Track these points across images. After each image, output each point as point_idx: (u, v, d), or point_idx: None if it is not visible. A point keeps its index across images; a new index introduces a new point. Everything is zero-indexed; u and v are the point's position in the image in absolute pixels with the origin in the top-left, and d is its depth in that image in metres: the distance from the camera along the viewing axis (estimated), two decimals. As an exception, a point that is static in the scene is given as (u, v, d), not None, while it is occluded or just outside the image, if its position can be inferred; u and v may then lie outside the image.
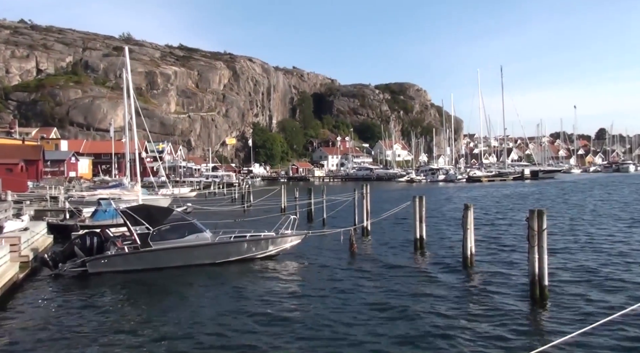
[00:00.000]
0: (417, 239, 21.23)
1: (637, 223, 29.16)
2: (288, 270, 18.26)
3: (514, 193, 61.50)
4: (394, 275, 16.68)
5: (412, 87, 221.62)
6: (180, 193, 51.42)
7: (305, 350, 10.29)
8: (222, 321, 12.21)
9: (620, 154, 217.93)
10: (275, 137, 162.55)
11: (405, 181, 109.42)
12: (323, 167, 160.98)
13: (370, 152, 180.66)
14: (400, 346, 10.35)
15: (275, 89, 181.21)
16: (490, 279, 15.71)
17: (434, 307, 12.97)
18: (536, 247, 12.74)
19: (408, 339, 10.72)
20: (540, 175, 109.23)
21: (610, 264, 17.64)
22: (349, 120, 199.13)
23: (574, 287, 14.42)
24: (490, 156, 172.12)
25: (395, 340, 10.66)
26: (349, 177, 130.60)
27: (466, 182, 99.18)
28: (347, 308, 12.96)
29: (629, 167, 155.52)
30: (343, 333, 11.17)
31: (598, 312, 11.88)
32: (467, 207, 17.14)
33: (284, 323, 11.91)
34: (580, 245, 21.71)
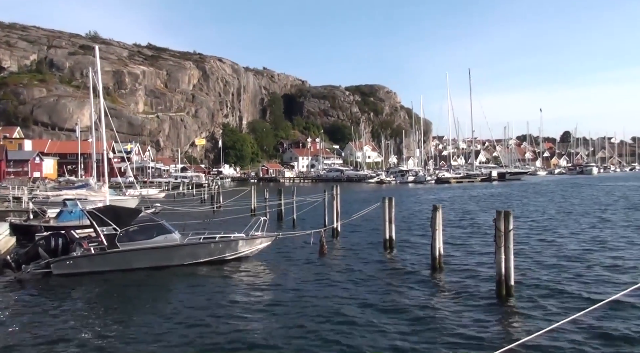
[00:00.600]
0: (386, 240, 21.39)
1: (600, 223, 29.89)
2: (257, 272, 18.17)
3: (481, 195, 62.45)
4: (363, 277, 16.74)
5: (382, 89, 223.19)
6: (148, 194, 50.76)
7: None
8: (189, 324, 12.08)
9: (584, 156, 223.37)
10: (245, 137, 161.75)
11: (375, 182, 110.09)
12: (293, 168, 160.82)
13: (340, 154, 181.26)
14: (367, 347, 10.39)
15: (246, 89, 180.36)
16: (458, 279, 15.90)
17: (401, 308, 13.06)
18: (503, 248, 12.96)
19: (375, 340, 10.77)
20: (507, 177, 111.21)
21: (574, 264, 18.03)
22: (320, 121, 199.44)
23: (540, 287, 14.69)
24: (458, 158, 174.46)
25: (362, 342, 10.70)
26: (319, 178, 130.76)
27: (435, 184, 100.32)
28: (316, 311, 12.95)
29: (592, 169, 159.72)
30: (311, 337, 11.16)
31: (562, 310, 12.13)
32: (436, 208, 17.31)
33: (250, 326, 11.84)
34: (545, 246, 22.14)
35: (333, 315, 12.46)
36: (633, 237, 24.38)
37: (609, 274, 16.30)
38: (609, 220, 31.86)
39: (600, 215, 35.12)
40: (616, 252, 20.19)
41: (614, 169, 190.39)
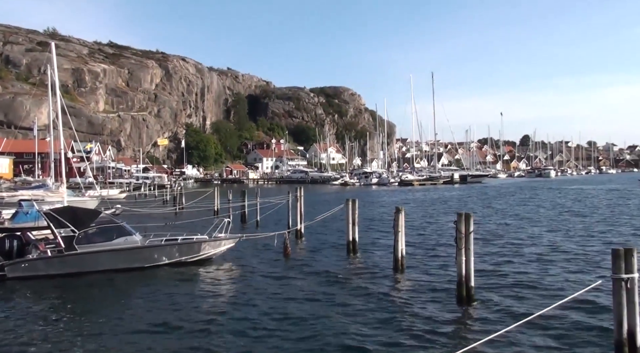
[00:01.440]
0: (349, 242, 21.44)
1: (557, 226, 30.68)
2: (220, 274, 17.99)
3: (443, 197, 63.37)
4: (326, 279, 16.76)
5: (347, 91, 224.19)
6: (108, 195, 49.67)
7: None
8: (148, 329, 11.87)
9: (543, 159, 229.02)
10: (208, 138, 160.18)
11: (339, 184, 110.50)
12: (258, 169, 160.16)
13: (305, 155, 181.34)
14: (327, 350, 10.39)
15: (209, 89, 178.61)
16: (419, 281, 16.07)
17: (363, 309, 13.12)
18: (463, 249, 13.13)
19: (336, 342, 10.78)
20: (469, 180, 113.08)
21: (532, 266, 18.44)
22: (284, 122, 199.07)
23: (500, 288, 14.97)
24: (421, 160, 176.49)
25: (324, 344, 10.70)
26: (283, 179, 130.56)
27: (398, 186, 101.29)
28: (278, 313, 12.90)
29: (550, 173, 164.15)
30: (272, 340, 11.10)
31: (521, 311, 12.38)
32: (399, 210, 17.46)
33: (211, 331, 11.71)
34: (505, 248, 22.58)
35: (295, 317, 12.43)
36: (587, 238, 25.12)
37: (566, 275, 16.72)
38: (565, 222, 32.73)
39: (557, 217, 36.06)
40: (572, 254, 20.73)
41: (570, 172, 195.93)
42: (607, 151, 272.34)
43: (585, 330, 11.16)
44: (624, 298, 8.62)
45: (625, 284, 8.62)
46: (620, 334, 8.70)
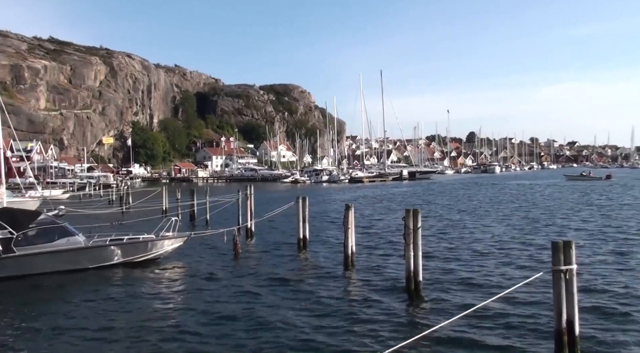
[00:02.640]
0: (300, 239, 21.49)
1: (500, 221, 31.60)
2: (167, 274, 17.66)
3: (393, 194, 64.24)
4: (276, 276, 16.71)
5: (297, 88, 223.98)
6: (51, 195, 48.01)
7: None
8: (92, 332, 11.53)
9: (488, 156, 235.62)
10: (156, 136, 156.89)
11: (289, 182, 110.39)
12: (207, 167, 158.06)
13: (255, 153, 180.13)
14: (277, 347, 10.36)
15: (156, 87, 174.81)
16: (369, 276, 16.23)
17: (313, 305, 13.16)
18: (412, 245, 13.34)
19: (285, 339, 10.76)
20: (418, 176, 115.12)
21: (477, 259, 18.94)
22: (234, 120, 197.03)
23: (447, 282, 15.29)
24: (371, 157, 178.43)
25: (272, 342, 10.66)
26: (233, 177, 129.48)
27: (349, 183, 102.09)
28: (226, 311, 12.77)
29: (495, 169, 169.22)
30: (220, 339, 10.98)
31: (467, 303, 12.65)
32: (348, 207, 17.58)
33: (157, 331, 11.49)
34: (451, 242, 23.10)
35: (243, 316, 12.34)
36: (528, 232, 26.00)
37: (509, 268, 17.24)
38: (507, 217, 33.75)
39: (500, 212, 37.15)
40: (514, 247, 21.40)
41: (514, 168, 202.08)
42: (549, 147, 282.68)
43: (527, 320, 11.53)
44: (563, 289, 8.93)
45: (564, 275, 8.93)
46: (559, 323, 9.01)
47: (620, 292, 13.78)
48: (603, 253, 19.57)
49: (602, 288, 14.17)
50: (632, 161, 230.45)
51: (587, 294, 13.23)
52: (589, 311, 11.81)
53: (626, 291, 13.84)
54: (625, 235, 23.94)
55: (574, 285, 9.04)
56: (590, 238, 23.20)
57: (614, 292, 13.79)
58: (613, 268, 16.85)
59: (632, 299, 13.07)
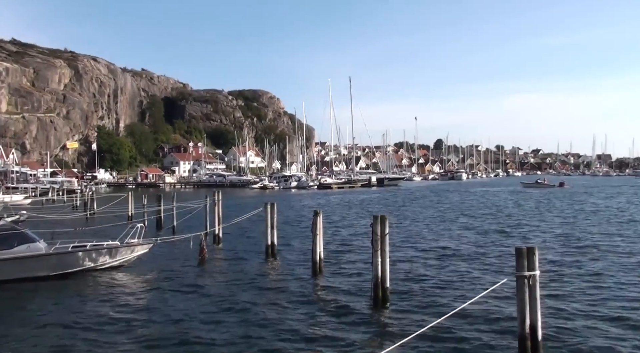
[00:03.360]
0: (268, 246, 21.36)
1: (466, 227, 32.03)
2: (132, 282, 17.33)
3: (361, 200, 64.51)
4: (243, 283, 16.58)
5: (266, 94, 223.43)
6: (12, 200, 46.82)
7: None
8: (52, 342, 11.22)
9: (455, 163, 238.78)
10: (122, 141, 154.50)
11: (258, 188, 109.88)
12: (174, 173, 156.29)
13: (223, 159, 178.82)
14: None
15: (123, 91, 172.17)
16: (337, 284, 16.23)
17: (280, 313, 13.08)
18: (379, 251, 13.39)
19: (251, 347, 10.66)
20: (386, 183, 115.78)
21: (444, 266, 19.14)
22: (202, 125, 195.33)
23: (414, 288, 15.40)
24: (340, 164, 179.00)
25: (235, 348, 10.56)
26: (201, 183, 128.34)
27: (317, 189, 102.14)
28: (191, 320, 12.59)
29: (462, 176, 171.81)
30: (182, 346, 10.83)
31: (434, 310, 12.79)
32: (317, 214, 17.57)
33: (119, 342, 11.26)
34: (419, 249, 23.30)
35: (209, 322, 12.19)
36: (497, 239, 26.41)
37: (474, 274, 17.47)
38: (473, 223, 34.24)
39: (466, 219, 37.67)
40: (480, 254, 21.71)
41: (480, 175, 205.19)
42: (514, 155, 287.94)
43: (492, 326, 11.68)
44: (526, 294, 9.08)
45: (528, 281, 9.08)
46: (523, 329, 9.15)
47: (580, 297, 14.08)
48: (562, 258, 19.99)
49: (563, 293, 14.46)
50: (594, 169, 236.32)
51: (550, 299, 13.47)
52: (551, 316, 12.02)
53: (586, 296, 14.15)
54: (581, 242, 24.52)
55: (537, 290, 9.20)
56: (550, 244, 23.69)
57: (575, 297, 14.08)
58: (573, 273, 17.22)
59: (592, 303, 13.36)
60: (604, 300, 13.77)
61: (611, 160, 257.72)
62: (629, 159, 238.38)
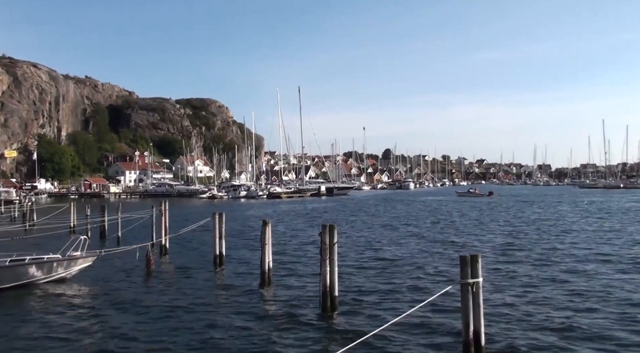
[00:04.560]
0: (216, 256, 21.16)
1: (412, 235, 32.62)
2: (74, 296, 16.73)
3: (310, 209, 64.68)
4: (191, 294, 16.31)
5: (214, 103, 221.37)
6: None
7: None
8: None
9: (403, 172, 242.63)
10: (64, 150, 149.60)
11: (207, 197, 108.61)
12: (120, 183, 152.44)
13: (171, 168, 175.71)
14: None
15: (65, 98, 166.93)
16: (286, 293, 16.20)
17: (229, 324, 12.94)
18: (328, 260, 13.47)
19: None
20: (335, 192, 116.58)
21: (391, 274, 19.40)
22: (148, 134, 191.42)
23: (362, 296, 15.54)
24: (289, 173, 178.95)
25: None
26: (148, 193, 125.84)
27: (267, 199, 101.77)
28: (137, 333, 12.29)
29: (410, 185, 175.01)
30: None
31: (381, 317, 12.93)
32: (265, 223, 17.51)
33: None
34: (368, 257, 23.54)
35: (156, 335, 11.92)
36: (442, 247, 27.00)
37: (420, 281, 17.80)
38: (420, 231, 34.90)
39: (413, 228, 38.37)
40: (426, 261, 22.14)
41: (427, 184, 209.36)
42: (459, 164, 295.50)
43: (437, 332, 11.92)
44: (470, 301, 9.32)
45: (472, 288, 9.33)
46: (467, 335, 9.39)
47: (522, 302, 14.56)
48: (502, 265, 20.62)
49: (506, 299, 14.91)
50: (535, 178, 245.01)
51: (493, 306, 13.87)
52: (495, 322, 12.37)
53: (527, 300, 14.64)
54: (512, 248, 25.39)
55: (481, 297, 9.46)
56: (489, 251, 24.43)
57: (517, 303, 14.55)
58: (514, 280, 17.79)
59: (533, 307, 13.84)
60: (545, 305, 14.26)
61: (551, 170, 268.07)
62: (567, 169, 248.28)
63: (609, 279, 17.63)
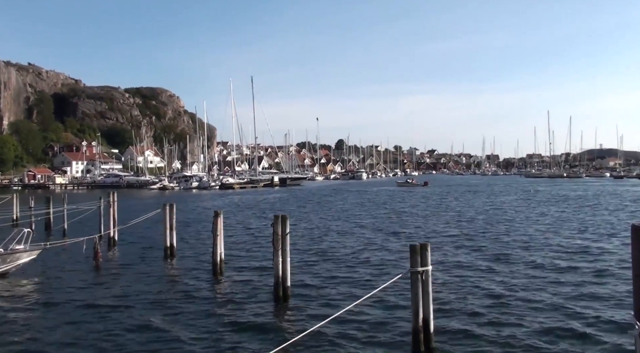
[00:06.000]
0: (167, 248, 20.87)
1: (363, 225, 32.98)
2: (17, 291, 16.12)
3: (263, 200, 64.45)
4: (141, 286, 16.02)
5: (165, 92, 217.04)
6: None
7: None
8: None
9: (356, 162, 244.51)
10: (6, 139, 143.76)
11: (157, 188, 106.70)
12: (66, 173, 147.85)
13: (120, 158, 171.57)
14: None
15: (7, 86, 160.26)
16: (238, 284, 16.12)
17: (180, 315, 12.79)
18: (280, 250, 13.48)
19: (152, 350, 10.37)
20: (289, 183, 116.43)
21: (342, 263, 19.59)
22: (96, 124, 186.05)
23: (314, 285, 15.62)
24: (242, 164, 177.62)
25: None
26: (96, 184, 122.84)
27: (219, 189, 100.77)
28: (86, 327, 12.01)
29: (362, 175, 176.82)
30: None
31: (333, 306, 13.02)
32: (217, 214, 17.37)
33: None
34: (320, 247, 23.66)
35: (104, 329, 11.66)
36: (389, 235, 27.42)
37: (372, 270, 18.02)
38: (369, 221, 35.32)
39: (363, 217, 38.78)
40: (377, 250, 22.44)
41: (380, 174, 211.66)
42: (411, 155, 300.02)
43: (388, 320, 12.11)
44: (419, 289, 9.52)
45: (421, 276, 9.53)
46: (416, 322, 9.59)
47: (468, 289, 14.96)
48: (450, 254, 21.13)
49: (454, 287, 15.28)
50: (483, 169, 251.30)
51: (442, 293, 14.19)
52: (442, 309, 12.66)
53: (474, 288, 15.05)
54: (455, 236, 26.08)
55: (430, 285, 9.67)
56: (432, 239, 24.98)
57: (464, 290, 14.94)
58: (461, 267, 18.25)
59: (480, 296, 14.23)
60: (492, 294, 14.68)
61: (499, 160, 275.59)
62: (514, 159, 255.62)
63: (552, 266, 18.27)
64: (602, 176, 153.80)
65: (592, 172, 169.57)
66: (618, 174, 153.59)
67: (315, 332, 9.93)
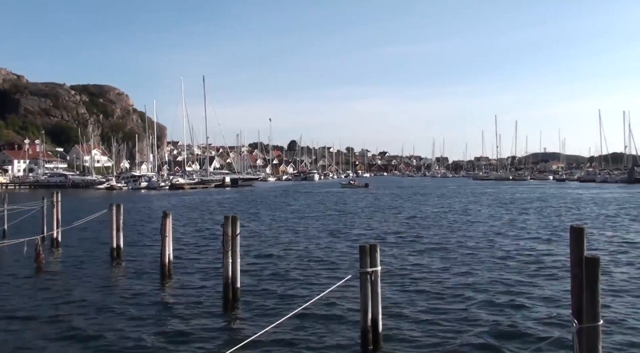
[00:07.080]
0: (113, 249, 20.35)
1: (313, 227, 33.07)
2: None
3: (214, 200, 63.75)
4: (86, 289, 15.55)
5: (113, 90, 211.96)
6: None
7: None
8: None
9: (308, 164, 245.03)
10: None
11: (104, 188, 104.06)
12: (7, 172, 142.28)
13: (65, 157, 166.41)
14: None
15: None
16: (187, 286, 15.87)
17: (125, 319, 12.48)
18: (230, 252, 13.35)
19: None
20: (240, 183, 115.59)
21: (293, 264, 19.54)
22: (40, 121, 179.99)
23: (264, 288, 15.52)
24: (193, 164, 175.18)
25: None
26: (39, 183, 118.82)
27: (169, 190, 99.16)
28: (22, 335, 11.56)
29: (314, 176, 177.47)
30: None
31: (283, 307, 13.00)
32: (166, 215, 17.05)
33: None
34: (270, 248, 23.56)
35: (42, 337, 11.26)
36: (339, 237, 27.60)
37: (322, 271, 18.07)
38: (320, 222, 35.46)
39: (314, 218, 38.90)
40: (327, 251, 22.52)
41: (332, 176, 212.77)
42: (363, 156, 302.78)
43: (337, 320, 12.17)
44: (369, 289, 9.60)
45: (370, 277, 9.61)
46: (365, 322, 9.66)
47: (415, 290, 15.21)
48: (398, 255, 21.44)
49: (403, 288, 15.50)
50: (433, 171, 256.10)
51: (390, 293, 14.37)
52: (390, 309, 12.82)
53: (419, 289, 15.31)
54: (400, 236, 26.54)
55: (379, 285, 9.77)
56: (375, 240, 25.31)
57: (412, 290, 15.17)
58: (408, 269, 18.54)
59: (426, 297, 14.48)
60: (438, 295, 14.96)
61: (448, 163, 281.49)
62: (463, 162, 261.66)
63: (496, 267, 18.78)
64: (546, 179, 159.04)
65: (537, 175, 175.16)
66: (560, 177, 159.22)
67: (264, 334, 9.87)
